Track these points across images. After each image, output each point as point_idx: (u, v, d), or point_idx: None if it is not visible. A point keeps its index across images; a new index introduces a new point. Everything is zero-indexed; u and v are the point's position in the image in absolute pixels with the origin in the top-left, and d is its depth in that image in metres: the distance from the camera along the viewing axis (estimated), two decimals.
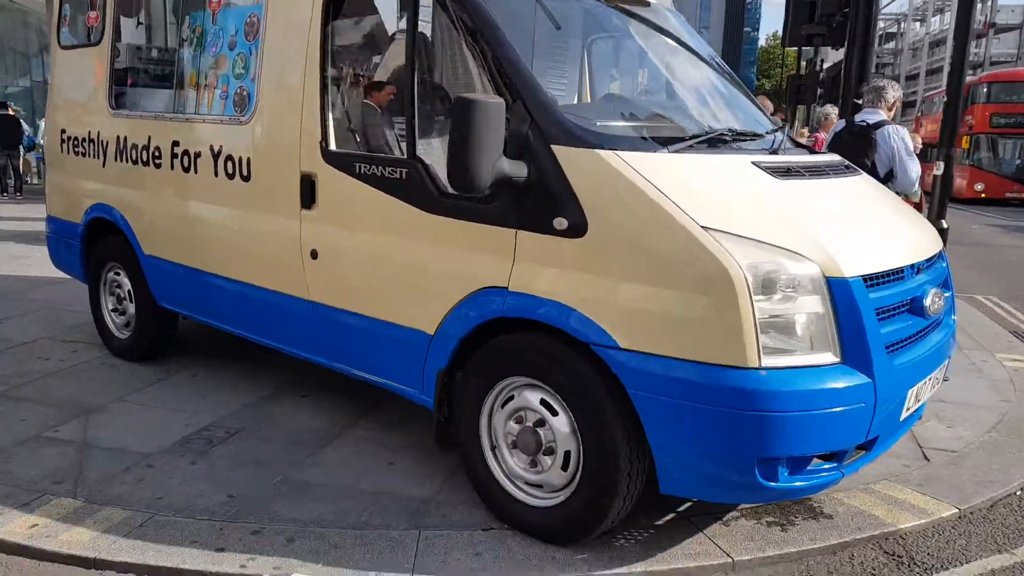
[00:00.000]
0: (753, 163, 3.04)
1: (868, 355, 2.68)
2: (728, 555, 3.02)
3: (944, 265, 3.52)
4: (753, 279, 2.58)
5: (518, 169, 2.88)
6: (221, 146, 4.14)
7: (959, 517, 3.46)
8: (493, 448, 3.22)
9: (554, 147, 2.87)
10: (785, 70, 37.09)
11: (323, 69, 3.61)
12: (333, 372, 3.93)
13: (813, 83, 14.55)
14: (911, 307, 3.02)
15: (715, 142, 3.19)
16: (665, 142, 2.99)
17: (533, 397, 3.04)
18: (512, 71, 2.97)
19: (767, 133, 3.62)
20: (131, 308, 5.12)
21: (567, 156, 2.85)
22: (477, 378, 3.19)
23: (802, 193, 3.06)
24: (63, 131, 5.40)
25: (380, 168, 3.38)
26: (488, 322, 3.09)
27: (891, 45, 72.58)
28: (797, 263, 2.65)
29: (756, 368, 2.56)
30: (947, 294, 3.35)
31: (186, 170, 4.39)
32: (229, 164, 4.10)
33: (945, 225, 4.15)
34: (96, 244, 5.26)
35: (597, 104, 3.71)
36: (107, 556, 2.99)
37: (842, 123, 5.69)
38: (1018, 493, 3.69)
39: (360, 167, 3.47)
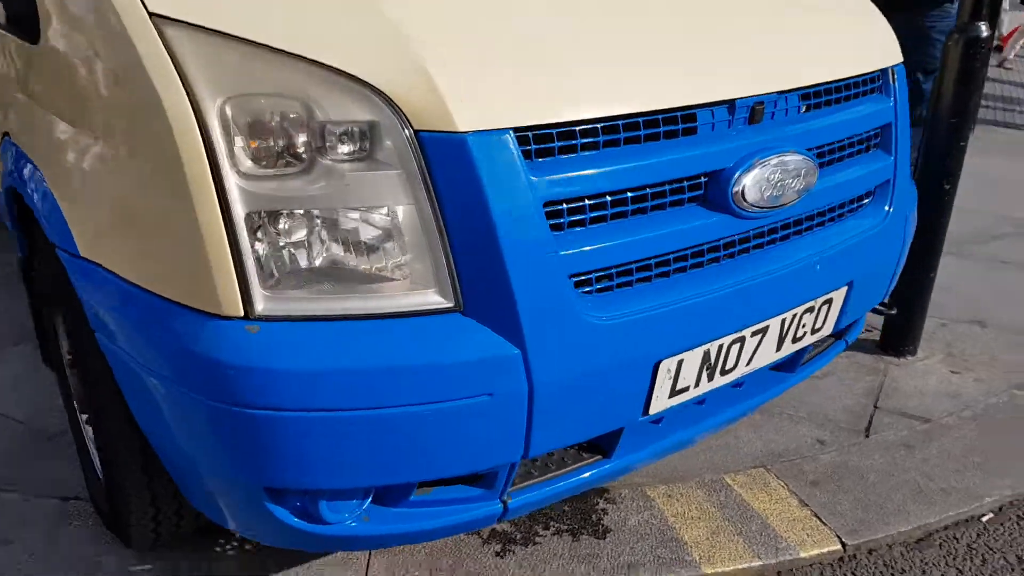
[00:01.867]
0: None
1: (511, 298, 1.26)
2: None
3: (890, 103, 1.86)
4: (235, 126, 1.20)
5: None
6: None
7: (840, 560, 1.97)
8: None
9: None
10: None
11: None
12: None
13: None
14: (707, 194, 1.49)
15: None
16: None
17: (59, 315, 1.86)
18: None
19: None
20: None
21: None
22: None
23: None
24: None
25: None
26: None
27: None
28: (348, 97, 1.21)
29: (239, 318, 1.23)
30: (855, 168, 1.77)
31: None
32: None
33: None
34: None
35: None
36: None
37: None
38: (985, 520, 2.11)
39: None
